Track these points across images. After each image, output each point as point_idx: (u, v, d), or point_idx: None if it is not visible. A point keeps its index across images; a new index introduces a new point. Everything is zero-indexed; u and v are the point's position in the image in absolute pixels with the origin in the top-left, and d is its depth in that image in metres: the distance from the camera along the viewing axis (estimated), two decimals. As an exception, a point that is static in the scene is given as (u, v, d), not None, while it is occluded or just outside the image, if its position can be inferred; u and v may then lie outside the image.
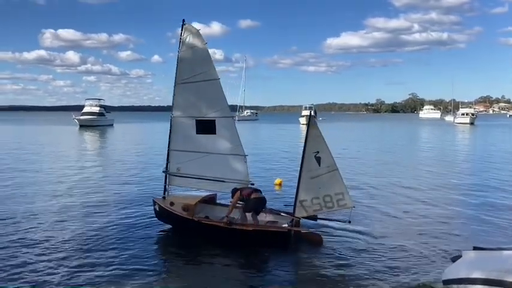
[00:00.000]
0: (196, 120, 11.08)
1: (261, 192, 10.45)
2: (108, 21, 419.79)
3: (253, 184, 10.78)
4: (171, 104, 11.47)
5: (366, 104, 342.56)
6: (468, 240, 9.91)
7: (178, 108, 11.28)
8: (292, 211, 10.29)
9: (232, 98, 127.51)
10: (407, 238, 10.58)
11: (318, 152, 9.86)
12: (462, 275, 5.89)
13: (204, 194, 11.48)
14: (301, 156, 10.22)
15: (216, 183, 11.08)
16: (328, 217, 10.51)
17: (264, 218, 10.57)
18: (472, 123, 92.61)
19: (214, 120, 10.93)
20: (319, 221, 10.81)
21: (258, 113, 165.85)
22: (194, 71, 10.90)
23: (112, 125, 75.45)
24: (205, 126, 10.99)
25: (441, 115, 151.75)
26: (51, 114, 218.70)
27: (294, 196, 10.38)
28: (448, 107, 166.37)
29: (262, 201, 10.32)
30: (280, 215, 10.68)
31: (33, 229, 11.20)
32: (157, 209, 11.29)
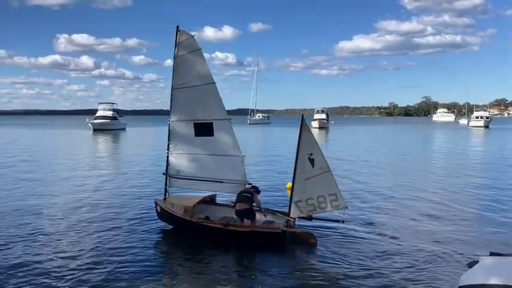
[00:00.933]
0: (194, 123, 11.37)
1: (247, 198, 10.52)
2: (122, 26, 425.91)
3: (250, 184, 10.99)
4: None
5: (379, 107, 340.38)
6: (485, 245, 9.77)
7: (176, 112, 11.57)
8: (287, 211, 10.45)
9: (244, 102, 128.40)
10: (421, 242, 10.47)
11: (311, 154, 10.08)
12: (479, 281, 5.73)
13: (204, 194, 11.73)
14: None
15: (215, 183, 11.33)
16: (323, 217, 10.64)
17: (261, 218, 10.77)
18: (486, 127, 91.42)
19: (212, 123, 11.20)
20: (330, 224, 10.90)
21: (270, 116, 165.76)
22: (190, 76, 11.19)
23: (124, 128, 76.12)
24: (203, 129, 11.28)
25: (455, 118, 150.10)
26: (65, 118, 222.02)
27: None
28: (462, 110, 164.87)
29: (242, 213, 10.49)
30: (276, 215, 10.85)
31: (37, 225, 11.72)
32: (159, 210, 11.65)
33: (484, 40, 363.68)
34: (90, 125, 70.52)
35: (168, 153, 11.82)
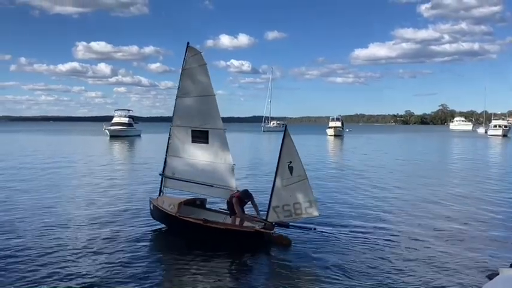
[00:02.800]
0: (191, 130, 12.22)
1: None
2: (139, 34, 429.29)
3: (238, 191, 11.65)
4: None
5: (395, 115, 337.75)
6: (505, 257, 9.56)
7: (178, 118, 12.51)
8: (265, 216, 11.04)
9: (259, 109, 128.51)
10: (439, 252, 10.34)
11: (290, 161, 10.59)
12: None
13: (195, 197, 12.57)
14: (327, 169, 10.36)
15: (206, 187, 12.13)
16: (297, 224, 11.10)
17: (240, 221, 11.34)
18: (505, 135, 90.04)
19: (208, 131, 12.01)
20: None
21: (285, 123, 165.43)
22: (193, 87, 12.12)
23: (139, 135, 76.78)
24: (200, 136, 12.12)
25: (473, 127, 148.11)
26: (83, 124, 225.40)
27: (322, 209, 11.31)
28: (479, 118, 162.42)
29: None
30: (255, 218, 11.31)
31: (42, 227, 12.42)
32: (151, 207, 12.57)
33: (502, 48, 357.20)
34: (107, 131, 71.51)
35: (166, 155, 12.68)
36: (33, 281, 8.39)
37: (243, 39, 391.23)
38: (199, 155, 12.21)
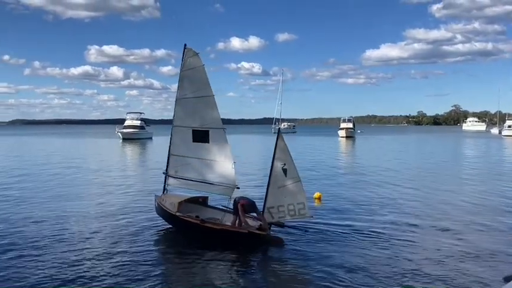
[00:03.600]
0: (192, 130, 12.58)
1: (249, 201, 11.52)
2: (150, 37, 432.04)
3: (238, 188, 12.03)
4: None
5: (407, 116, 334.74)
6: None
7: (179, 119, 12.89)
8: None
9: (270, 111, 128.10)
10: (454, 253, 10.25)
11: (284, 164, 10.92)
12: None
13: (198, 195, 12.98)
14: (340, 171, 10.40)
15: (207, 185, 12.48)
16: (290, 225, 11.43)
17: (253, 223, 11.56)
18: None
19: (208, 131, 12.36)
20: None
21: (296, 125, 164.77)
22: (192, 88, 12.45)
23: (151, 138, 77.23)
24: (200, 136, 12.47)
25: (486, 127, 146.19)
26: (95, 127, 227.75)
27: (334, 211, 11.99)
28: (493, 119, 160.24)
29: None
30: (253, 219, 11.58)
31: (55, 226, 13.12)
32: (156, 205, 13.07)
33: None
34: (119, 134, 72.17)
35: (169, 154, 13.10)
36: (48, 277, 8.66)
37: (254, 41, 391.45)
38: (200, 154, 12.56)
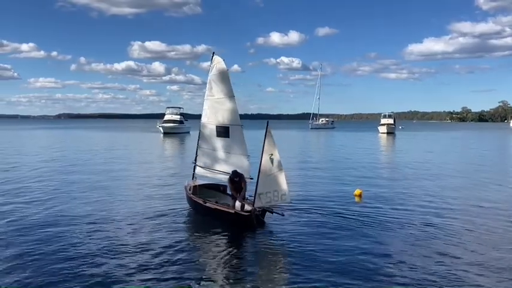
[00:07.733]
0: (216, 126, 14.47)
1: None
2: (192, 33, 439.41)
3: (252, 179, 13.34)
4: (247, 112, 14.51)
5: (450, 112, 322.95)
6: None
7: (205, 116, 14.88)
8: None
9: (309, 106, 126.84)
10: (480, 254, 10.25)
11: (272, 154, 12.29)
12: None
13: (219, 183, 14.93)
14: (379, 168, 10.41)
15: (226, 175, 14.04)
16: (268, 209, 12.56)
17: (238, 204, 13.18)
18: None
19: (229, 127, 14.16)
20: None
21: (335, 121, 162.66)
22: (217, 90, 14.33)
23: (189, 132, 78.77)
24: (222, 131, 14.30)
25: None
26: (137, 121, 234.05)
27: (376, 209, 13.69)
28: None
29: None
30: (248, 204, 12.97)
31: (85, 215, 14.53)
32: (184, 191, 15.08)
33: None
34: (161, 128, 74.03)
35: (197, 147, 15.18)
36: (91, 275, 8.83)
37: (293, 36, 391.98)
38: (222, 148, 14.46)
